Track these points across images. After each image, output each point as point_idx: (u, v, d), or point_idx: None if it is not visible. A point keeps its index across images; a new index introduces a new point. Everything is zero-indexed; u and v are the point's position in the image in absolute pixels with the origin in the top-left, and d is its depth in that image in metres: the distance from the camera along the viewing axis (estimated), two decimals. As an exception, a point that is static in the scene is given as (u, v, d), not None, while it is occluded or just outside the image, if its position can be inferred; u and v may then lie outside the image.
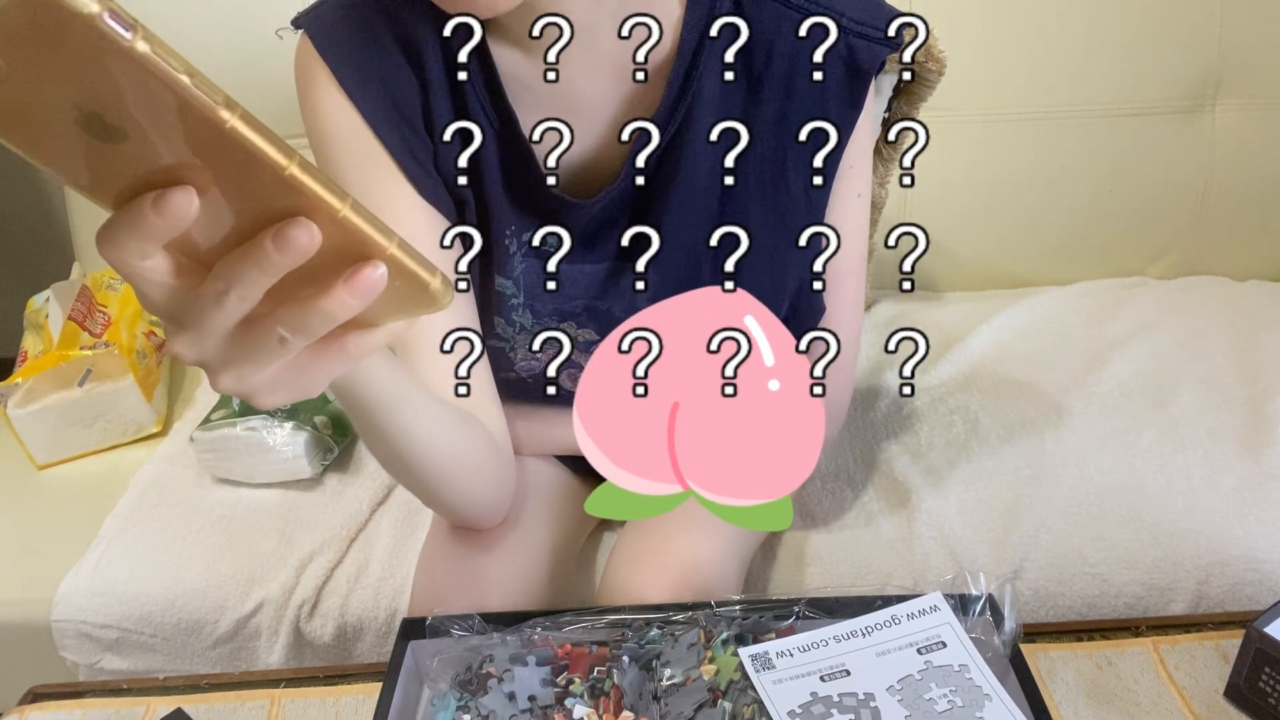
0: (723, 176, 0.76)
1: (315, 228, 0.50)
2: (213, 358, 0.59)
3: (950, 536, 1.35)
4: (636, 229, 0.76)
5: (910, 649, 0.87)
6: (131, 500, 1.52)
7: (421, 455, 0.94)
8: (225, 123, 0.44)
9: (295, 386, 0.63)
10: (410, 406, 0.88)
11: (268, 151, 0.46)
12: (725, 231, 0.68)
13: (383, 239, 0.52)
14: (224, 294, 0.54)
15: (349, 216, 0.50)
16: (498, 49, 0.97)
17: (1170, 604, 1.30)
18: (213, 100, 0.44)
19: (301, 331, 0.57)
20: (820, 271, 0.68)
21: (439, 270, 0.55)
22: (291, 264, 0.51)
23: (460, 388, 0.77)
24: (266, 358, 0.59)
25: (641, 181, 0.98)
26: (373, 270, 0.53)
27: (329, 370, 0.63)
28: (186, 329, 0.57)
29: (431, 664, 0.90)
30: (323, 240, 0.50)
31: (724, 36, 0.94)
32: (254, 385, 0.62)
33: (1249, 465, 1.44)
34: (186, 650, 1.37)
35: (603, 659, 0.88)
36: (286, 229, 0.50)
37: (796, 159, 1.01)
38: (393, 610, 1.32)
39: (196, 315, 0.56)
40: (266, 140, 0.46)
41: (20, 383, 1.64)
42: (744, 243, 0.69)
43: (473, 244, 0.65)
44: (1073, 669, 0.98)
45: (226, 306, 0.54)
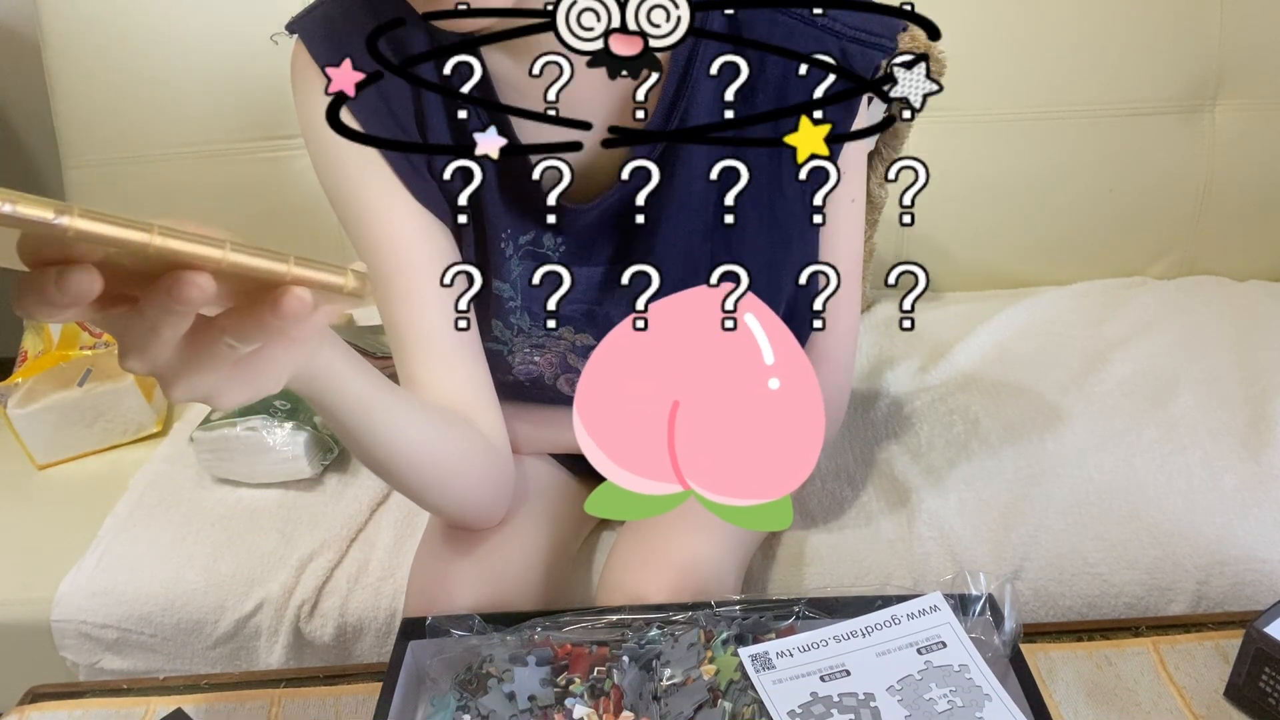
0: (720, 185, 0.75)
1: (203, 278, 0.51)
2: (162, 370, 0.61)
3: (950, 536, 1.34)
4: (636, 268, 0.76)
5: (910, 649, 0.88)
6: (131, 500, 1.52)
7: (402, 460, 0.94)
8: (67, 231, 0.46)
9: (253, 384, 0.65)
10: (383, 411, 0.88)
11: (124, 237, 0.48)
12: (722, 235, 0.68)
13: (279, 266, 0.53)
14: (156, 326, 0.56)
15: (234, 262, 0.51)
16: (490, 53, 0.97)
17: (1170, 604, 1.30)
18: (44, 217, 0.45)
19: (246, 339, 0.59)
20: (820, 310, 0.68)
21: (347, 270, 0.57)
22: (193, 309, 0.54)
23: (460, 321, 0.76)
24: (216, 363, 0.61)
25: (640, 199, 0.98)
26: (294, 298, 0.55)
27: (283, 361, 0.65)
28: (132, 349, 0.59)
29: (431, 664, 0.90)
30: (224, 279, 0.52)
31: (719, 49, 0.94)
32: (208, 389, 0.63)
33: (1249, 465, 1.43)
34: (186, 650, 1.36)
35: (603, 659, 0.88)
36: (177, 286, 0.52)
37: (791, 164, 1.01)
38: (392, 610, 1.32)
39: (137, 339, 0.58)
40: (118, 225, 0.48)
41: (20, 383, 1.64)
42: (742, 277, 0.68)
43: (473, 282, 0.66)
44: (1073, 669, 0.98)
45: (160, 335, 0.57)
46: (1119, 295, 1.90)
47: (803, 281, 0.69)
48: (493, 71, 0.98)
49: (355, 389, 0.84)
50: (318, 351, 0.76)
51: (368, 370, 0.86)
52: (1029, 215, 1.93)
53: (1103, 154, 1.89)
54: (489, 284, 1.06)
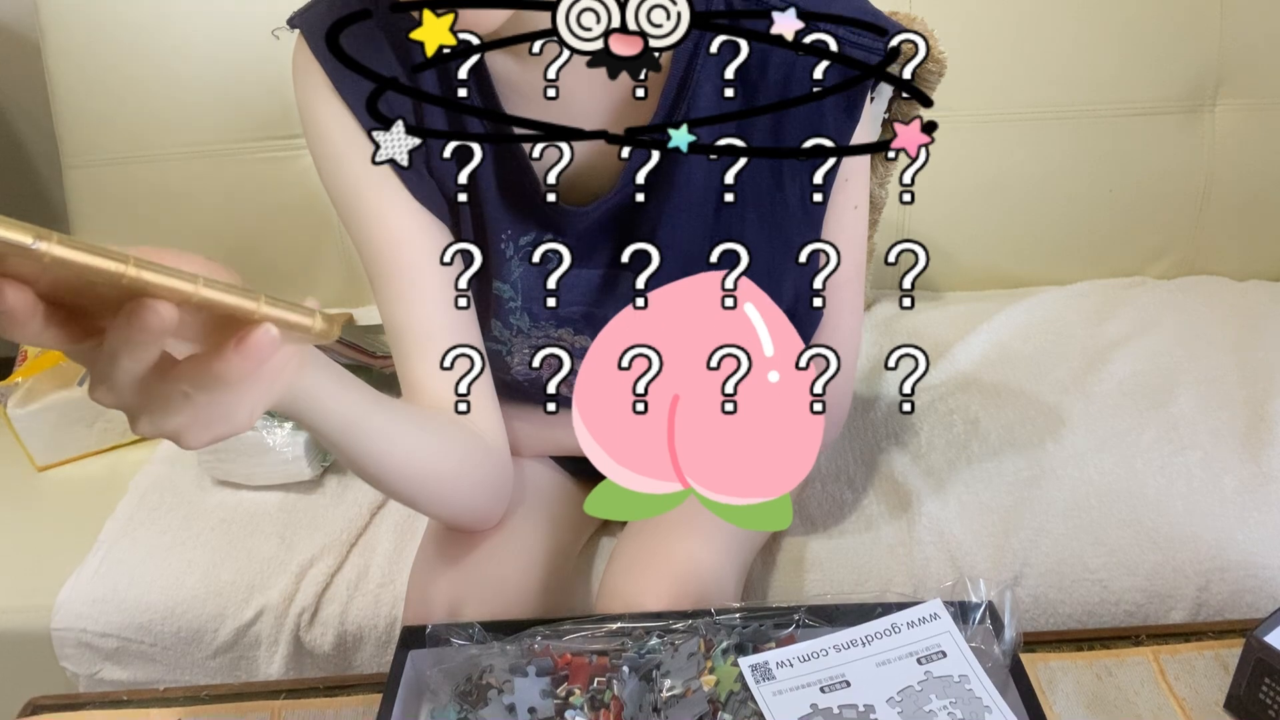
0: (720, 190, 0.76)
1: (164, 308, 0.52)
2: (128, 404, 0.62)
3: (950, 541, 1.34)
4: (635, 246, 0.76)
5: (910, 659, 0.87)
6: (131, 503, 1.52)
7: (393, 474, 0.94)
8: (44, 256, 0.46)
9: (220, 424, 0.65)
10: (369, 429, 0.88)
11: (100, 266, 0.48)
12: (722, 244, 0.68)
13: (249, 304, 0.54)
14: (116, 354, 0.56)
15: (204, 297, 0.52)
16: (492, 56, 0.97)
17: (1170, 611, 1.30)
18: (23, 241, 0.46)
19: (204, 387, 0.59)
20: (820, 289, 0.68)
21: (316, 311, 0.58)
22: (155, 339, 0.54)
23: (460, 404, 0.77)
24: (175, 408, 0.62)
25: (640, 198, 0.98)
26: (262, 333, 0.56)
27: (251, 402, 0.66)
28: (100, 381, 0.60)
29: (431, 674, 0.90)
30: (192, 314, 0.53)
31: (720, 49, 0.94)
32: (174, 428, 0.64)
33: (1249, 466, 1.43)
34: (186, 660, 1.36)
35: (602, 669, 0.88)
36: (137, 312, 0.52)
37: (792, 168, 1.01)
38: (393, 618, 1.32)
39: (103, 370, 0.59)
40: (94, 254, 0.48)
41: (20, 382, 1.64)
42: (742, 256, 0.69)
43: (473, 260, 0.66)
44: (1073, 679, 0.98)
45: (123, 365, 0.57)
46: (1119, 295, 1.90)
47: (803, 260, 0.69)
48: (495, 75, 0.98)
49: (341, 409, 0.83)
50: (298, 377, 0.75)
51: (355, 388, 0.86)
52: (1029, 215, 1.93)
53: (1103, 154, 1.89)
54: (489, 284, 1.06)
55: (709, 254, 1.03)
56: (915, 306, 1.14)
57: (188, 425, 0.64)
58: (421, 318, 1.01)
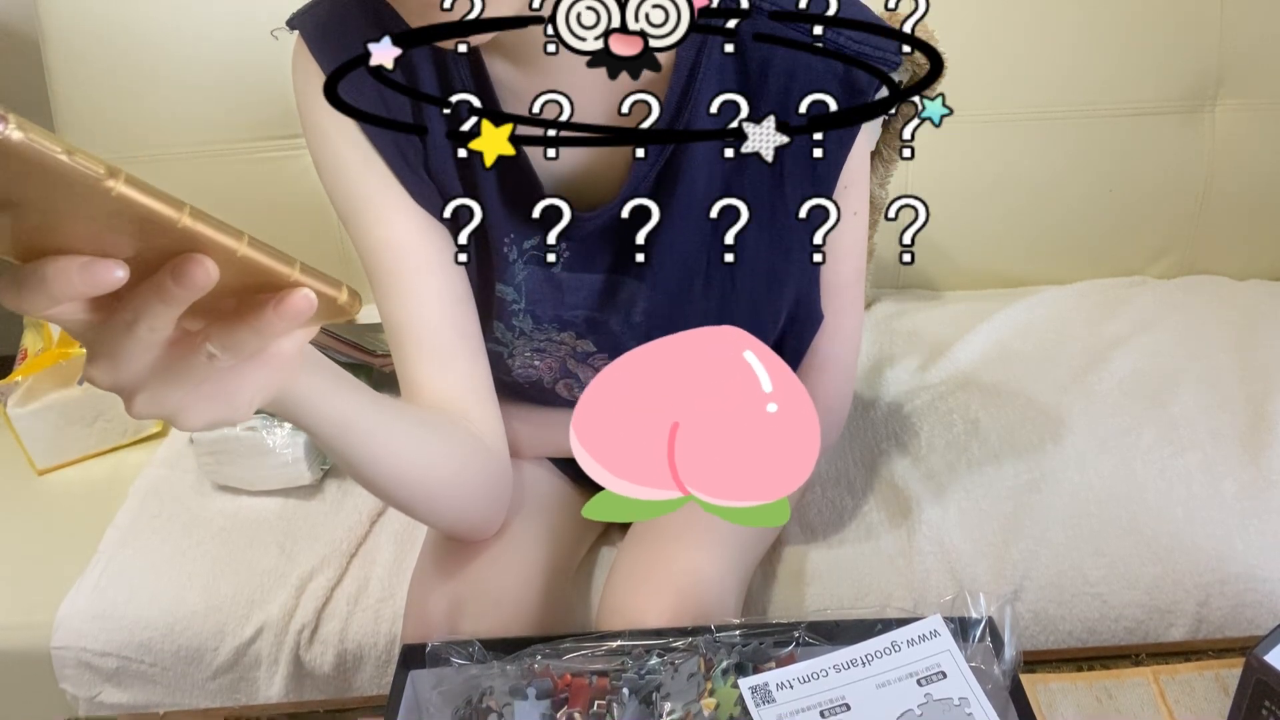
0: (719, 196, 0.75)
1: (211, 264, 0.52)
2: (127, 383, 0.61)
3: (950, 552, 1.34)
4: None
5: (910, 679, 0.87)
6: (131, 510, 1.51)
7: (390, 479, 0.94)
8: (111, 190, 0.46)
9: (223, 405, 0.64)
10: (366, 432, 0.87)
11: (159, 210, 0.48)
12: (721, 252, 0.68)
13: (285, 268, 0.54)
14: (133, 324, 0.56)
15: (248, 254, 0.52)
16: (491, 59, 0.97)
17: (1170, 627, 1.29)
18: (95, 173, 0.46)
19: (230, 349, 0.59)
20: (820, 244, 0.68)
21: (344, 284, 0.58)
22: (192, 297, 0.53)
23: (460, 255, 0.75)
24: (190, 376, 0.61)
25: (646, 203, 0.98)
26: (302, 298, 0.56)
27: (257, 384, 0.65)
28: (102, 355, 0.59)
29: (430, 696, 0.90)
30: (228, 273, 0.53)
31: (721, 60, 0.94)
32: (174, 404, 0.63)
33: (1249, 469, 1.44)
34: (186, 681, 1.35)
35: (603, 691, 0.88)
36: (183, 265, 0.52)
37: (793, 171, 1.01)
38: (392, 635, 1.31)
39: (110, 343, 0.58)
40: (155, 199, 0.48)
41: (20, 381, 1.64)
42: (742, 211, 0.69)
43: (472, 216, 0.66)
44: (1073, 702, 0.98)
45: (137, 334, 0.56)
46: (1119, 295, 1.90)
47: (806, 223, 0.69)
48: (496, 80, 0.97)
49: (337, 408, 0.83)
50: (295, 378, 0.74)
51: (353, 389, 0.85)
52: (1029, 215, 1.93)
53: (1103, 154, 1.88)
54: (491, 287, 1.06)
55: (706, 261, 1.03)
56: (915, 262, 1.13)
57: (189, 402, 0.62)
58: (421, 318, 1.01)
